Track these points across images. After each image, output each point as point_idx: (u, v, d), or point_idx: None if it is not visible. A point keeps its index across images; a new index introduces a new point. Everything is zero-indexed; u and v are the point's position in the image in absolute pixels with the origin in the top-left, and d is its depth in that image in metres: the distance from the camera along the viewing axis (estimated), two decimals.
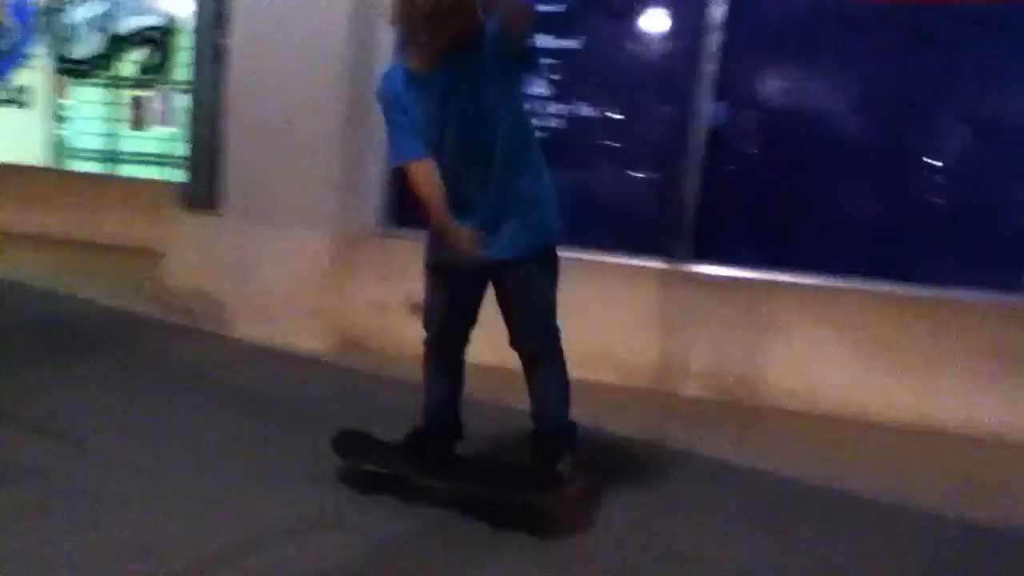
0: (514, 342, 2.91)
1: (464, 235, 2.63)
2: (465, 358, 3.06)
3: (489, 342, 2.96)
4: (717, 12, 4.42)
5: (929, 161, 4.39)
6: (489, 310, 2.95)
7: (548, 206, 2.85)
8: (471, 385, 3.15)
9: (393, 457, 3.01)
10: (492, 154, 2.67)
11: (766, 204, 4.56)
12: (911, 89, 4.35)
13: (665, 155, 4.68)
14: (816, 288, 4.32)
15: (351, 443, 3.12)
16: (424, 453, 2.99)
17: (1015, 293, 4.13)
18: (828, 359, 4.29)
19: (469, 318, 2.98)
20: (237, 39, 5.11)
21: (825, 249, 4.45)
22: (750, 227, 4.60)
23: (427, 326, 2.99)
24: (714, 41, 4.44)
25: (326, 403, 4.03)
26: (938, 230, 4.36)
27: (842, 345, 4.26)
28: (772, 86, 4.61)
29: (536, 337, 2.89)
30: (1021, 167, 4.19)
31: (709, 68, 4.46)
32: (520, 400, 3.02)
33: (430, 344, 3.01)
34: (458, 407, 3.10)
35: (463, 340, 3.01)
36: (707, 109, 4.49)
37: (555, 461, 2.87)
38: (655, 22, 4.77)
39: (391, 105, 2.71)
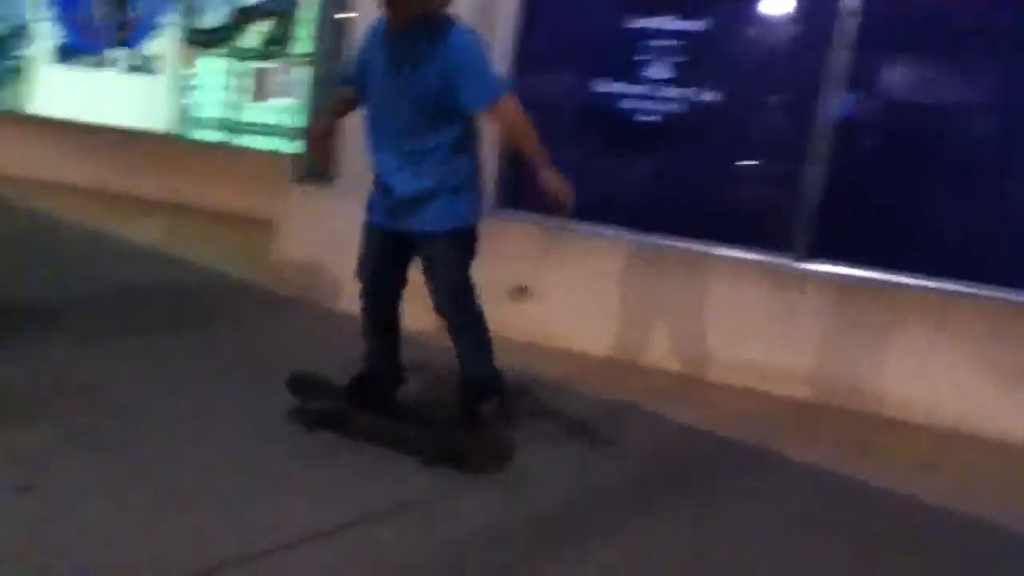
0: (434, 309, 3.23)
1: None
2: (399, 314, 3.36)
3: None
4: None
5: None
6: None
7: (464, 194, 3.14)
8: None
9: (338, 398, 3.27)
10: (420, 130, 3.00)
11: (892, 203, 4.31)
12: None
13: (788, 146, 4.49)
14: (938, 292, 4.08)
15: (302, 384, 3.36)
16: (364, 395, 3.26)
17: None
18: (948, 369, 4.05)
19: (396, 276, 3.27)
20: (360, 11, 5.13)
21: (950, 253, 4.18)
22: (873, 226, 4.36)
23: (359, 277, 3.28)
24: (847, 29, 4.21)
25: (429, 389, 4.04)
26: None
27: (965, 355, 4.02)
28: (906, 80, 4.37)
29: (449, 308, 3.21)
30: None
31: (841, 57, 4.24)
32: None
33: (363, 295, 3.29)
34: (396, 356, 3.40)
35: (393, 296, 3.30)
36: (836, 100, 4.27)
37: (477, 408, 3.25)
38: (785, 5, 4.56)
39: (360, 49, 3.20)
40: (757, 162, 4.67)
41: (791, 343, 4.34)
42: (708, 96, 4.60)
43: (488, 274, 4.97)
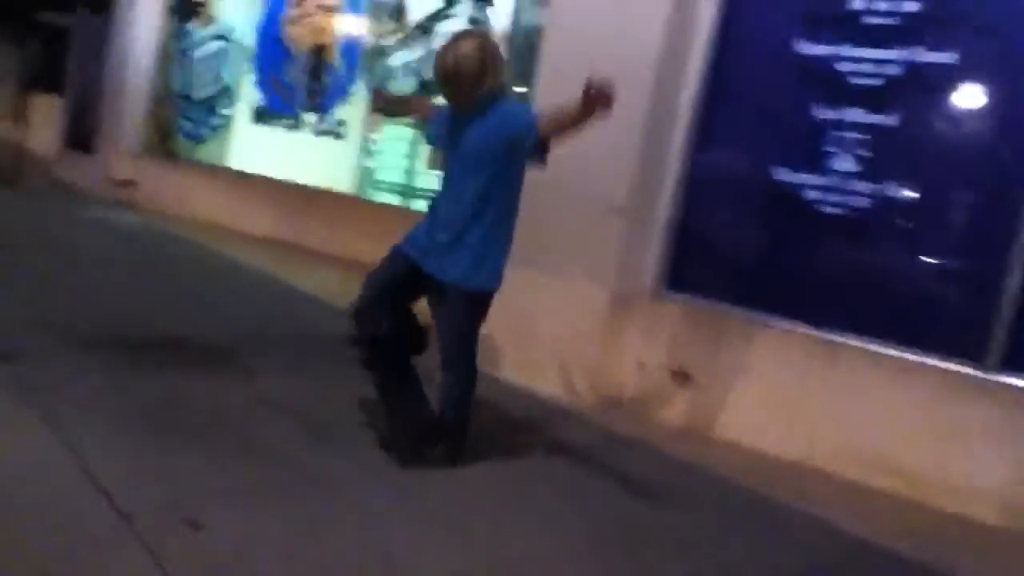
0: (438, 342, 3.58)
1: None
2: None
3: None
4: None
5: None
6: None
7: (490, 263, 3.46)
8: None
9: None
10: (471, 196, 3.39)
11: None
12: None
13: (984, 246, 4.18)
14: None
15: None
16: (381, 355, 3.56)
17: None
18: None
19: (396, 302, 3.54)
20: (542, 90, 5.23)
21: None
22: None
23: (363, 286, 3.57)
24: None
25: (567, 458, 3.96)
26: None
27: None
28: None
29: (447, 358, 3.54)
30: None
31: None
32: None
33: (355, 304, 3.54)
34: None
35: (382, 317, 3.48)
36: None
37: (424, 445, 3.53)
38: (980, 102, 4.29)
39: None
40: (948, 262, 4.33)
41: (978, 461, 3.97)
42: (899, 192, 4.36)
43: (651, 356, 4.93)
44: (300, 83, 9.94)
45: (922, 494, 4.04)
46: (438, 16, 8.19)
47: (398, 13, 8.76)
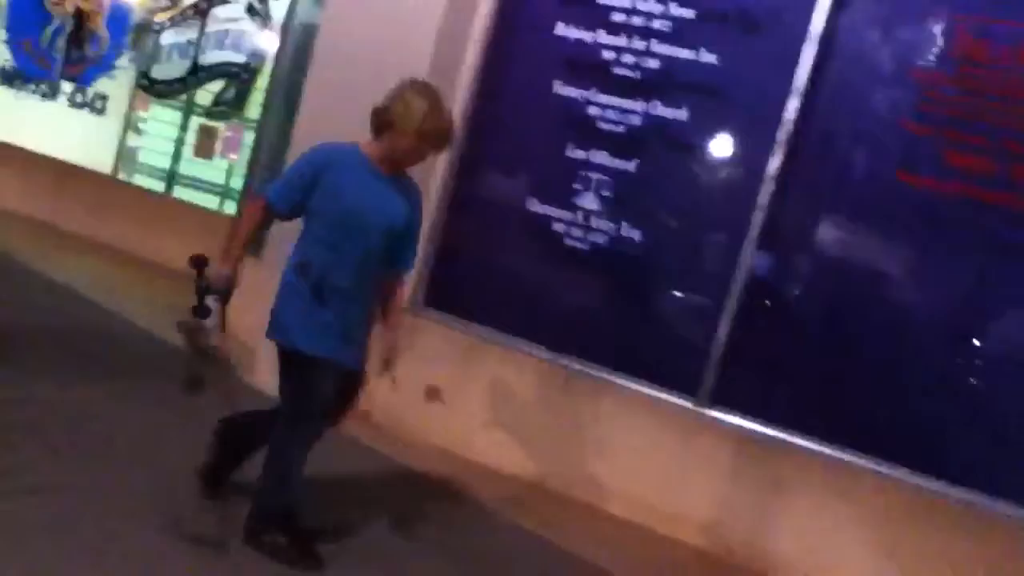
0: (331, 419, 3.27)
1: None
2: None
3: None
4: (773, 164, 4.40)
5: (976, 353, 4.20)
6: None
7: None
8: None
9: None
10: (374, 269, 3.13)
11: (793, 363, 4.46)
12: (959, 279, 4.22)
13: (702, 289, 4.65)
14: (831, 459, 4.15)
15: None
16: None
17: None
18: (835, 539, 4.11)
19: None
20: (312, 88, 5.20)
21: (847, 420, 4.27)
22: (772, 382, 4.50)
23: (310, 415, 3.12)
24: (767, 192, 4.40)
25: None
26: (979, 429, 4.10)
27: (857, 529, 4.06)
28: (816, 246, 4.52)
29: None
30: None
31: (759, 217, 4.42)
32: None
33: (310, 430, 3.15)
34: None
35: None
36: (751, 256, 4.43)
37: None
38: (714, 160, 4.75)
39: (319, 167, 3.06)
40: (673, 305, 4.79)
41: (689, 488, 4.41)
42: (635, 232, 4.73)
43: (405, 373, 5.02)
44: (59, 49, 9.18)
45: (646, 519, 4.42)
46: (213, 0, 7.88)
47: None
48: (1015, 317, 4.17)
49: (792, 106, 4.35)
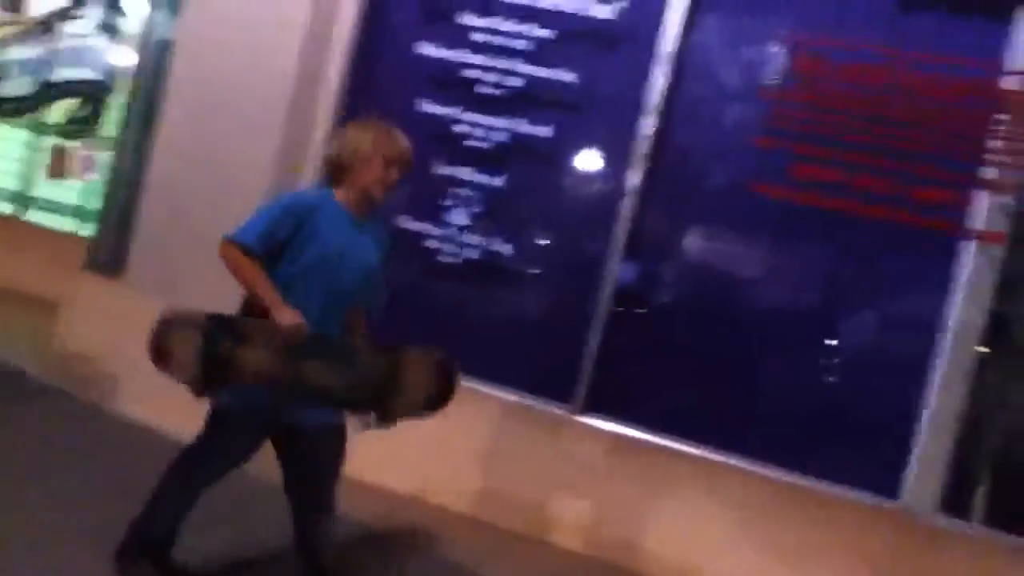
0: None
1: (293, 315, 2.79)
2: None
3: None
4: (633, 177, 4.59)
5: (828, 353, 4.48)
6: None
7: None
8: None
9: None
10: (340, 320, 3.05)
11: (660, 368, 4.66)
12: (813, 283, 4.53)
13: (572, 302, 4.76)
14: (700, 459, 4.37)
15: None
16: None
17: (890, 498, 4.20)
18: (708, 535, 4.31)
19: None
20: (171, 107, 5.06)
21: (714, 420, 4.50)
22: (642, 387, 4.67)
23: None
24: (629, 204, 4.59)
25: None
26: (830, 422, 4.41)
27: (723, 523, 4.28)
28: (678, 255, 4.74)
29: (327, 500, 3.16)
30: (918, 376, 4.26)
31: (623, 228, 4.60)
32: None
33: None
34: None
35: None
36: (616, 266, 4.61)
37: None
38: (579, 175, 4.89)
39: (303, 212, 2.93)
40: (545, 315, 4.89)
41: (566, 493, 4.51)
42: (507, 247, 4.85)
43: None
44: None
45: (524, 526, 4.50)
46: (63, 15, 7.51)
47: (16, 4, 7.90)
48: (863, 316, 4.48)
49: (648, 122, 4.56)
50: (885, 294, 4.41)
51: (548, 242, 4.89)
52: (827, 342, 4.48)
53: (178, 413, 4.68)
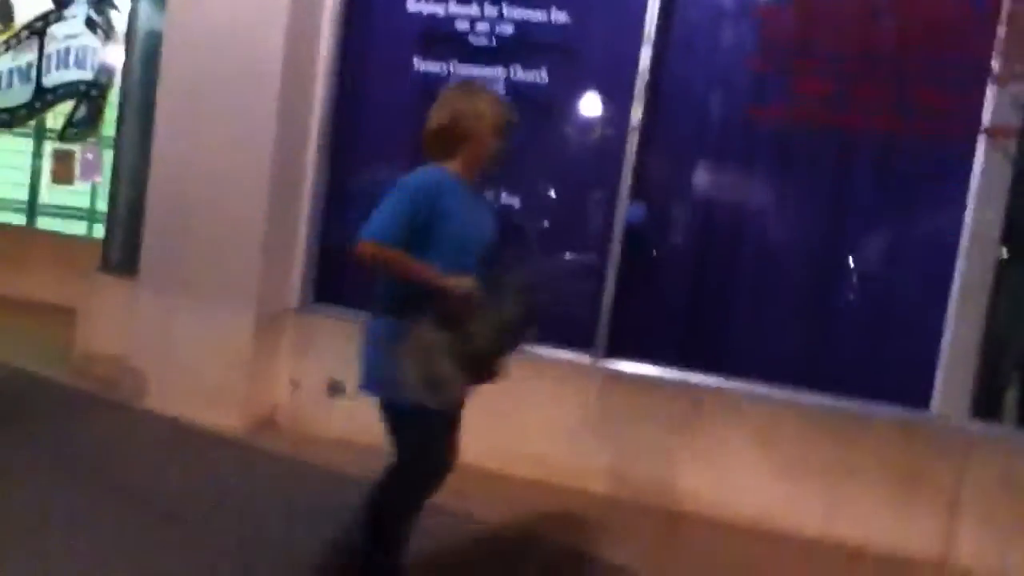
0: None
1: (460, 279, 2.71)
2: None
3: None
4: (636, 115, 4.54)
5: (844, 273, 4.44)
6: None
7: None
8: None
9: None
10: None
11: (677, 305, 4.64)
12: (823, 204, 4.47)
13: (587, 250, 4.74)
14: (723, 391, 4.36)
15: None
16: None
17: (922, 411, 4.19)
18: (738, 467, 4.31)
19: None
20: (165, 101, 5.04)
21: (735, 351, 4.50)
22: (662, 326, 4.66)
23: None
24: (633, 143, 4.53)
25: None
26: (852, 342, 4.40)
27: (753, 453, 4.28)
28: (685, 190, 4.69)
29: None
30: (939, 287, 4.21)
31: (628, 168, 4.55)
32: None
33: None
34: None
35: None
36: (625, 207, 4.56)
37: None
38: (580, 119, 4.84)
39: (432, 195, 2.76)
40: (561, 265, 4.86)
41: (591, 439, 4.51)
42: (515, 200, 4.82)
43: (304, 372, 4.99)
44: None
45: (553, 475, 4.51)
46: (48, 17, 7.48)
47: (7, 15, 7.86)
48: (879, 231, 4.44)
49: (645, 55, 4.48)
50: (899, 207, 4.34)
51: (556, 191, 4.85)
52: (844, 261, 4.44)
53: (210, 406, 4.84)
